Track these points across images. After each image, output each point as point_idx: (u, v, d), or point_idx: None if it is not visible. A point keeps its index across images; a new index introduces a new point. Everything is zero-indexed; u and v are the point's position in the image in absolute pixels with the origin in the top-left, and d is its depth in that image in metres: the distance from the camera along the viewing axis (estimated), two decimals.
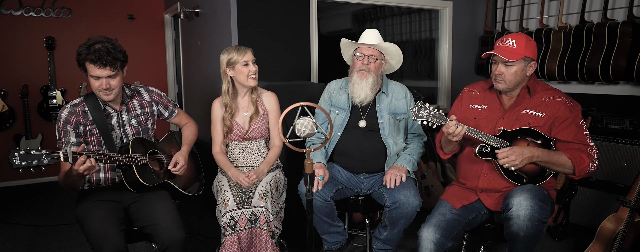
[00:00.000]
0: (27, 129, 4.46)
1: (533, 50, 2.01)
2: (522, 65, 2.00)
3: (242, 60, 2.32)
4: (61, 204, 3.88)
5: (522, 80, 2.05)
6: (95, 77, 1.96)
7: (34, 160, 1.64)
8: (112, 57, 1.94)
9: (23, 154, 1.62)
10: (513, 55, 1.97)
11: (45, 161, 1.66)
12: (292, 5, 3.41)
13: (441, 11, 4.23)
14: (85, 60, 1.93)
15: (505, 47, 2.00)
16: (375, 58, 2.37)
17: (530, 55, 1.99)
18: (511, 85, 2.03)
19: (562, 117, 1.99)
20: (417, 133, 2.53)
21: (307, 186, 1.75)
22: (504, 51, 1.99)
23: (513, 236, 1.88)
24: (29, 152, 1.63)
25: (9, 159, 1.61)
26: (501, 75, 2.01)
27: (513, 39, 1.99)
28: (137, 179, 2.00)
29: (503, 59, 1.97)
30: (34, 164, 1.64)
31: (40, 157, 1.65)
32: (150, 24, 4.98)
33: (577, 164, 1.94)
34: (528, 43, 1.99)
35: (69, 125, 2.01)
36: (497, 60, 2.02)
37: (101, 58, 1.91)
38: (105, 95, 2.01)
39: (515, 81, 2.02)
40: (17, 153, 1.61)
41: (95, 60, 1.91)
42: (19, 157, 1.61)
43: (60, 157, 1.71)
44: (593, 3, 3.34)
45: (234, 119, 2.42)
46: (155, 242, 2.01)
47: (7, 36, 4.37)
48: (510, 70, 1.99)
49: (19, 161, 1.61)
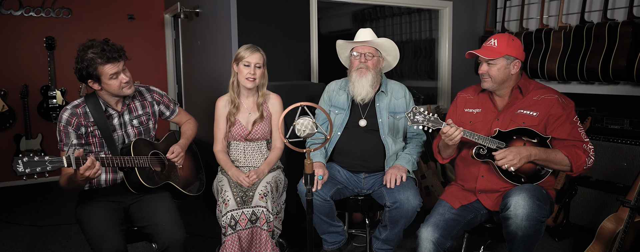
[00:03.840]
0: (27, 129, 4.46)
1: (516, 48, 2.04)
2: (505, 64, 2.04)
3: (245, 60, 2.32)
4: (61, 204, 3.88)
5: (507, 79, 2.07)
6: (115, 75, 1.95)
7: (37, 167, 1.62)
8: (116, 51, 1.94)
9: (26, 161, 1.59)
10: (493, 54, 2.02)
11: (49, 167, 1.64)
12: (292, 6, 3.41)
13: (441, 11, 4.23)
14: (98, 65, 1.90)
15: (487, 46, 2.07)
16: (371, 55, 2.39)
17: (512, 54, 2.03)
18: (496, 83, 2.07)
19: (555, 115, 2.01)
20: (417, 132, 2.54)
21: (307, 186, 1.75)
22: (485, 50, 2.05)
23: (511, 235, 1.88)
24: (32, 158, 1.61)
25: (12, 167, 1.60)
26: (485, 73, 2.07)
27: (495, 38, 2.06)
28: (140, 181, 1.99)
29: (485, 58, 2.03)
30: (38, 171, 1.62)
31: (43, 164, 1.63)
32: (150, 24, 4.98)
33: (573, 160, 1.95)
34: (510, 42, 2.03)
35: (70, 127, 2.00)
36: (481, 60, 2.07)
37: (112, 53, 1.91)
38: (128, 89, 2.02)
39: (499, 78, 2.05)
40: (20, 161, 1.59)
41: (109, 59, 1.91)
42: (22, 165, 1.59)
43: (63, 163, 1.68)
44: (593, 3, 3.34)
45: (237, 116, 2.42)
46: (155, 242, 2.02)
47: (7, 36, 4.37)
48: (493, 68, 2.04)
49: (22, 169, 1.59)
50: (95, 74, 1.92)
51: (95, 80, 1.95)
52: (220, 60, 3.48)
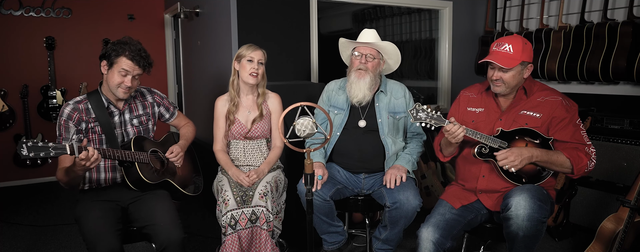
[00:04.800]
0: (27, 129, 4.46)
1: (529, 53, 2.01)
2: (519, 70, 2.01)
3: (248, 56, 2.34)
4: (61, 204, 3.88)
5: (519, 83, 2.06)
6: (124, 72, 2.01)
7: (41, 152, 1.67)
8: (145, 59, 2.05)
9: (31, 145, 1.66)
10: (510, 63, 1.96)
11: (52, 153, 1.69)
12: (292, 6, 3.41)
13: (441, 11, 4.23)
14: (121, 53, 2.00)
15: (502, 53, 1.99)
16: (373, 57, 2.37)
17: (527, 59, 2.00)
18: (510, 88, 2.05)
19: (559, 117, 2.00)
20: (417, 132, 2.53)
21: (307, 186, 1.75)
22: (501, 58, 1.98)
23: (512, 235, 1.88)
24: (36, 144, 1.67)
25: (17, 150, 1.66)
26: (499, 79, 2.02)
27: (509, 43, 1.98)
28: (140, 176, 2.00)
29: (501, 67, 1.97)
30: (41, 155, 1.67)
31: (47, 150, 1.68)
32: (150, 24, 4.98)
33: (575, 163, 1.94)
34: (525, 47, 1.99)
35: (70, 121, 2.02)
36: (494, 66, 2.02)
37: (139, 56, 2.02)
38: (123, 93, 2.06)
39: (513, 84, 2.04)
40: (24, 144, 1.65)
41: (133, 57, 2.00)
42: (26, 149, 1.65)
43: (66, 150, 1.72)
44: (593, 3, 3.34)
45: (236, 115, 2.42)
46: (154, 242, 2.01)
47: (7, 36, 4.37)
48: (507, 75, 2.00)
49: (26, 152, 1.65)
50: (113, 60, 2.02)
51: (108, 64, 2.03)
52: (220, 60, 3.48)
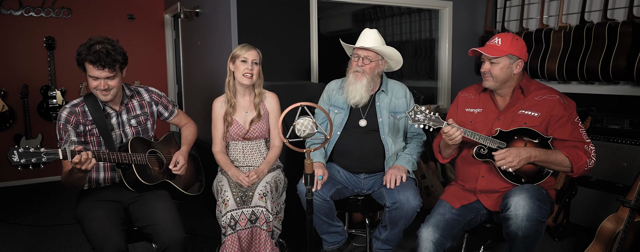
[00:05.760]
0: (27, 129, 4.46)
1: (519, 48, 2.04)
2: (507, 63, 2.03)
3: (242, 57, 2.33)
4: (61, 204, 3.88)
5: (509, 78, 2.06)
6: (94, 78, 1.97)
7: (32, 158, 1.64)
8: (111, 58, 1.94)
9: (22, 151, 1.63)
10: (496, 52, 2.01)
11: (44, 158, 1.67)
12: (292, 5, 3.41)
13: (441, 11, 4.23)
14: (84, 60, 1.94)
15: (491, 45, 2.06)
16: (370, 60, 2.36)
17: (515, 53, 2.02)
18: (498, 82, 2.06)
19: (557, 116, 2.00)
20: (417, 132, 2.53)
21: (307, 186, 1.75)
22: (488, 49, 2.04)
23: (512, 235, 1.88)
24: (28, 149, 1.64)
25: (7, 157, 1.62)
26: (488, 72, 2.06)
27: (499, 37, 2.05)
28: (137, 178, 2.00)
29: (488, 56, 2.02)
30: (33, 161, 1.64)
31: (38, 155, 1.65)
32: (150, 24, 4.98)
33: (574, 161, 1.95)
34: (514, 41, 2.03)
35: (69, 125, 2.01)
36: (484, 58, 2.07)
37: (100, 59, 1.92)
38: (103, 96, 2.02)
39: (501, 78, 2.05)
40: (15, 151, 1.62)
41: (94, 61, 1.92)
42: (17, 155, 1.62)
43: (58, 155, 1.71)
44: (593, 3, 3.34)
45: (234, 116, 2.42)
46: (155, 242, 2.01)
47: (7, 36, 4.37)
48: (496, 67, 2.04)
49: (17, 159, 1.62)
50: (83, 67, 1.98)
51: (83, 70, 2.00)
52: (220, 60, 3.47)
